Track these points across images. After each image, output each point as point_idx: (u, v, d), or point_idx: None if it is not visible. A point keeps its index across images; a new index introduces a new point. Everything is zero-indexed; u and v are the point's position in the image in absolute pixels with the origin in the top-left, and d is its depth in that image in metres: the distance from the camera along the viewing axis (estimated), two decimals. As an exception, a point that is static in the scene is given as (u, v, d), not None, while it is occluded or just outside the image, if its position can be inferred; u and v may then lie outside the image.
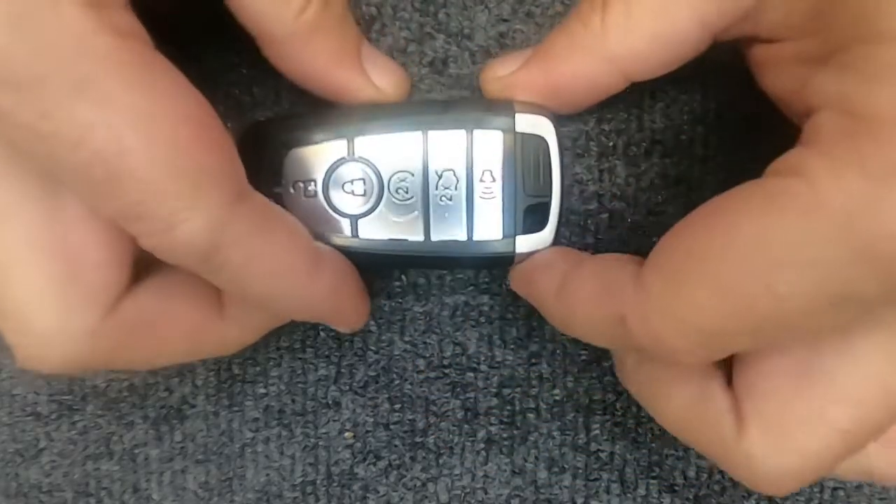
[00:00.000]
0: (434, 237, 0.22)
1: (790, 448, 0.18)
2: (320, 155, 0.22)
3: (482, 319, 0.26)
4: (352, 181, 0.22)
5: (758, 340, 0.17)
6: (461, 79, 0.24)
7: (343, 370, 0.26)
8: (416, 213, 0.22)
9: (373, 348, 0.26)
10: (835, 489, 0.26)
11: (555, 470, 0.26)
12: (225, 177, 0.18)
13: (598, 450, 0.26)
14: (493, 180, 0.22)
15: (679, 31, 0.20)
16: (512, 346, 0.26)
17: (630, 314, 0.18)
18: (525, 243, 0.22)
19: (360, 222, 0.22)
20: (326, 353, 0.26)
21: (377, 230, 0.22)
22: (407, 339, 0.26)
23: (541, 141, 0.22)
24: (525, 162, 0.22)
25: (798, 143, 0.17)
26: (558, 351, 0.26)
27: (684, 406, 0.20)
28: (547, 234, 0.22)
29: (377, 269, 0.23)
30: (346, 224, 0.22)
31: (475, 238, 0.22)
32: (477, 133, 0.21)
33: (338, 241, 0.22)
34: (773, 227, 0.15)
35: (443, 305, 0.26)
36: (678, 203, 0.25)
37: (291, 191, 0.22)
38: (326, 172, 0.22)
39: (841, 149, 0.15)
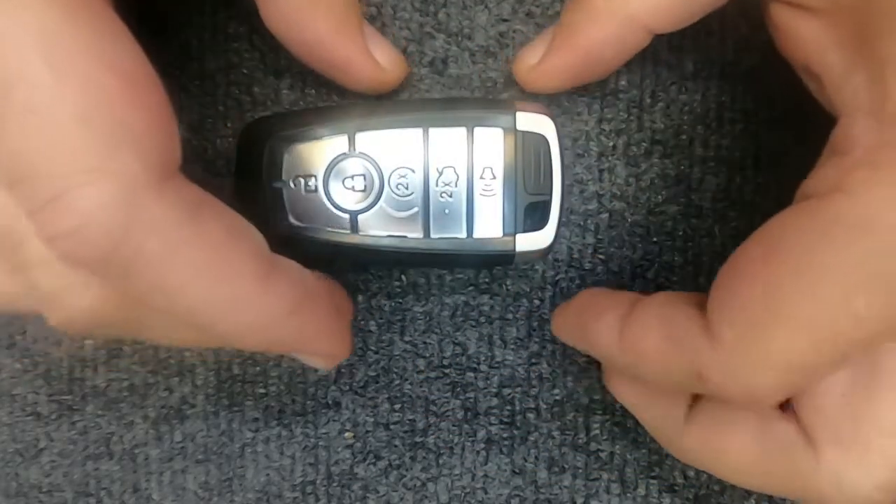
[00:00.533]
0: (434, 234, 0.22)
1: (876, 461, 0.18)
2: (321, 150, 0.22)
3: (482, 319, 0.26)
4: (352, 177, 0.22)
5: (842, 364, 0.17)
6: (461, 79, 0.24)
7: (343, 370, 0.26)
8: (415, 209, 0.22)
9: (373, 348, 0.26)
10: (835, 489, 0.26)
11: (555, 470, 0.26)
12: (152, 144, 0.15)
13: (598, 450, 0.26)
14: (494, 178, 0.22)
15: None
16: (512, 346, 0.26)
17: (707, 370, 0.17)
18: (525, 242, 0.22)
19: (360, 218, 0.22)
20: (326, 353, 0.26)
21: (376, 226, 0.22)
22: (407, 339, 0.26)
23: (541, 139, 0.22)
24: (526, 160, 0.22)
25: (830, 150, 0.17)
26: (558, 351, 0.26)
27: (748, 450, 0.19)
28: (547, 232, 0.22)
29: (376, 266, 0.22)
30: (345, 220, 0.22)
31: (475, 235, 0.22)
32: (478, 130, 0.21)
33: (337, 237, 0.22)
34: (835, 254, 0.15)
35: (443, 305, 0.26)
36: (678, 203, 0.25)
37: (292, 185, 0.22)
38: (327, 168, 0.22)
39: (883, 160, 0.15)
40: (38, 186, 0.14)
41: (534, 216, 0.22)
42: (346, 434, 0.26)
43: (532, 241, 0.22)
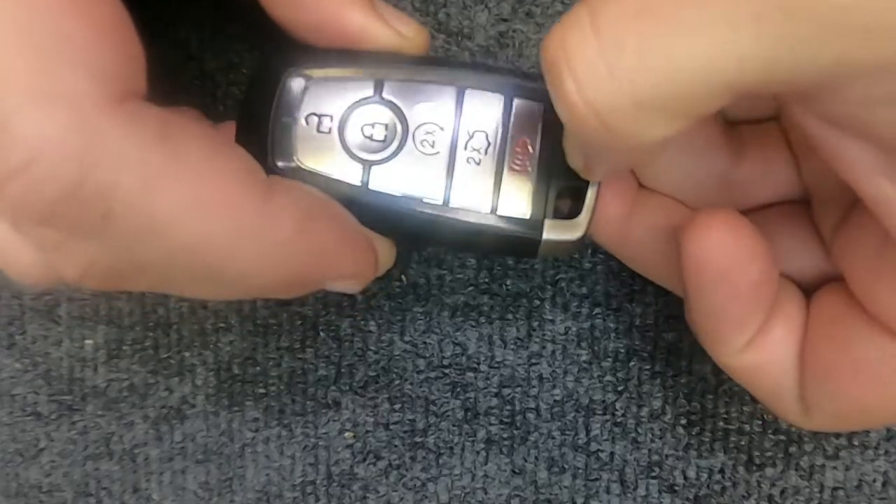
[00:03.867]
0: (454, 201, 0.19)
1: None
2: (343, 90, 0.19)
3: (482, 319, 0.26)
4: (373, 124, 0.19)
5: (716, 105, 0.14)
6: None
7: (343, 370, 0.26)
8: (438, 169, 0.19)
9: (373, 348, 0.26)
10: (835, 489, 0.26)
11: (555, 470, 0.26)
12: (104, 61, 0.13)
13: (598, 450, 0.26)
14: (528, 153, 0.20)
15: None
16: (512, 346, 0.26)
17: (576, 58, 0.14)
18: (555, 229, 0.20)
19: (374, 170, 0.19)
20: (326, 353, 0.26)
21: (391, 182, 0.19)
22: (407, 339, 0.26)
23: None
24: (559, 143, 0.19)
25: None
26: (558, 351, 0.26)
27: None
28: (581, 221, 0.20)
29: (381, 230, 0.20)
30: (357, 170, 0.19)
31: (499, 212, 0.20)
32: (517, 101, 0.20)
33: (344, 188, 0.19)
34: None
35: (443, 305, 0.26)
36: (678, 203, 0.25)
37: (304, 123, 0.19)
38: (347, 109, 0.19)
39: None
40: None
41: (566, 202, 0.20)
42: (346, 434, 0.26)
43: (562, 230, 0.20)
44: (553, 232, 0.20)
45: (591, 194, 0.20)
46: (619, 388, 0.26)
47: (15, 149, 0.12)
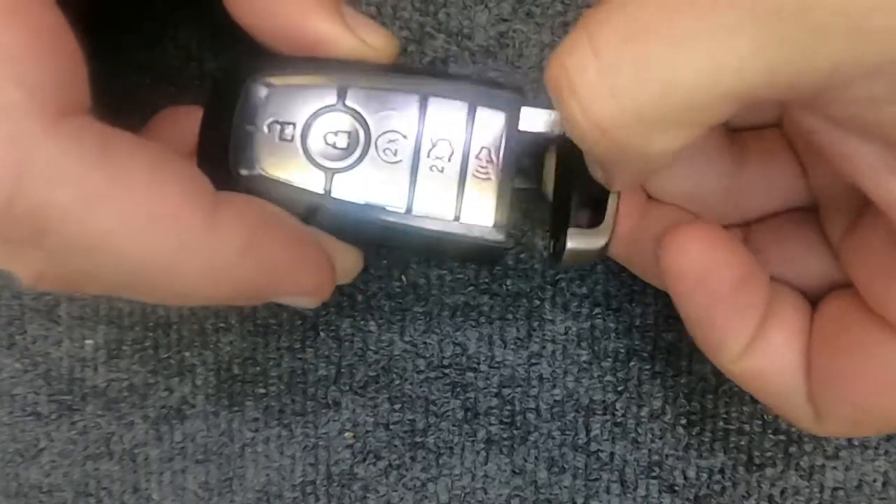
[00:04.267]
0: (416, 209, 0.19)
1: None
2: (306, 98, 0.19)
3: (482, 319, 0.26)
4: (336, 132, 0.19)
5: (718, 119, 0.14)
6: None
7: (343, 370, 0.26)
8: (401, 177, 0.19)
9: (373, 348, 0.26)
10: (835, 489, 0.26)
11: (555, 470, 0.26)
12: (43, 75, 0.13)
13: (598, 450, 0.26)
14: (490, 161, 0.20)
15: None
16: (512, 346, 0.26)
17: (580, 78, 0.14)
18: (579, 238, 0.20)
19: (337, 178, 0.19)
20: (326, 353, 0.26)
21: (354, 190, 0.19)
22: (407, 339, 0.26)
23: None
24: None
25: None
26: (558, 351, 0.26)
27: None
28: (603, 231, 0.20)
29: (344, 237, 0.20)
30: (319, 178, 0.19)
31: (462, 220, 0.20)
32: (480, 110, 0.20)
33: (307, 196, 0.19)
34: None
35: (443, 305, 0.26)
36: (678, 203, 0.25)
37: (265, 130, 0.19)
38: (309, 117, 0.19)
39: None
40: None
41: (588, 212, 0.20)
42: (346, 434, 0.26)
43: (584, 239, 0.20)
44: (576, 241, 0.20)
45: (612, 203, 0.20)
46: (619, 388, 0.26)
47: None
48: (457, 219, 0.20)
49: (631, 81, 0.13)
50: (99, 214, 0.13)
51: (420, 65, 0.23)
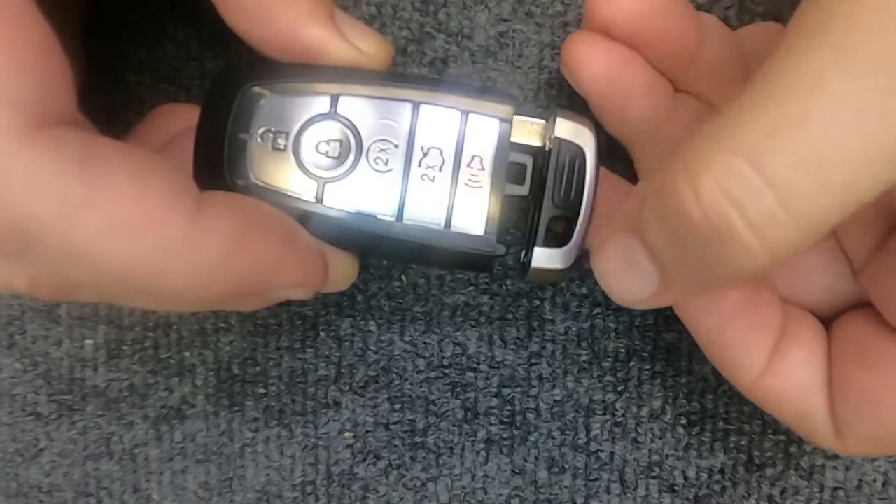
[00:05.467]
0: (407, 217, 0.20)
1: None
2: (298, 107, 0.20)
3: (482, 319, 0.26)
4: (328, 141, 0.20)
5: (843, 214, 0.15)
6: (461, 79, 0.24)
7: (343, 370, 0.26)
8: (392, 186, 0.20)
9: (373, 348, 0.26)
10: (835, 489, 0.26)
11: (555, 470, 0.26)
12: (22, 87, 0.13)
13: (598, 450, 0.26)
14: (482, 169, 0.20)
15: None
16: (512, 346, 0.26)
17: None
18: (543, 257, 0.20)
19: (328, 187, 0.20)
20: (326, 353, 0.26)
21: (345, 199, 0.20)
22: (407, 339, 0.26)
23: (578, 150, 0.20)
24: (558, 169, 0.20)
25: None
26: (558, 351, 0.26)
27: None
28: (567, 252, 0.20)
29: (337, 245, 0.20)
30: (311, 186, 0.20)
31: (453, 227, 0.20)
32: (472, 117, 0.20)
33: (299, 204, 0.20)
34: None
35: (443, 305, 0.26)
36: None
37: (259, 140, 0.19)
38: (301, 126, 0.20)
39: None
40: None
41: (556, 231, 0.20)
42: (346, 434, 0.26)
43: (550, 258, 0.20)
44: (543, 259, 0.20)
45: (581, 223, 0.20)
46: (619, 388, 0.26)
47: None
48: (447, 227, 0.20)
49: (811, 201, 0.14)
50: (81, 224, 0.14)
51: (413, 72, 0.23)
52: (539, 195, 0.20)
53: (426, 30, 0.24)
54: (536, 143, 0.20)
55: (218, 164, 0.19)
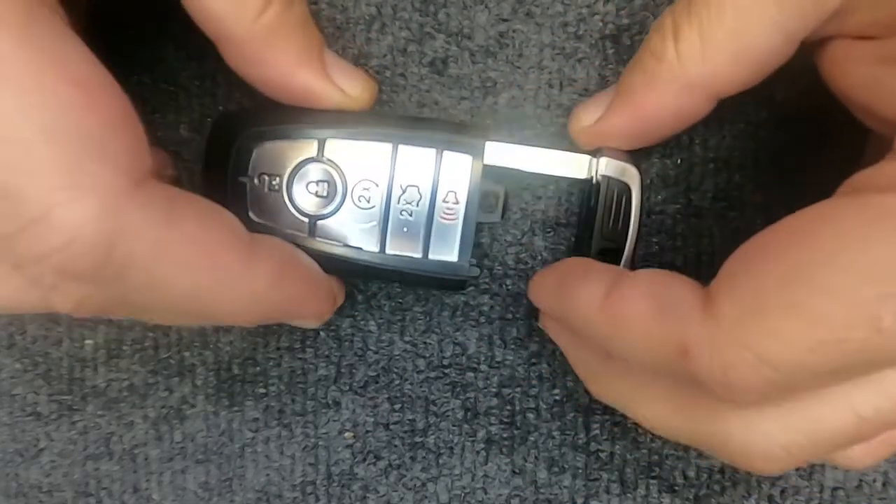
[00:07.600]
0: (389, 250, 0.22)
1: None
2: (290, 151, 0.22)
3: (482, 319, 0.26)
4: (317, 182, 0.22)
5: (836, 379, 0.16)
6: (461, 79, 0.24)
7: (343, 370, 0.26)
8: (374, 223, 0.22)
9: (373, 348, 0.26)
10: (835, 489, 0.26)
11: (555, 470, 0.26)
12: (122, 152, 0.16)
13: (598, 450, 0.26)
14: (457, 202, 0.22)
15: (760, 46, 0.18)
16: (512, 346, 0.26)
17: (695, 344, 0.16)
18: None
19: (319, 224, 0.22)
20: (326, 353, 0.26)
21: (334, 234, 0.22)
22: (407, 339, 0.26)
23: (624, 187, 0.22)
24: (606, 205, 0.22)
25: (892, 153, 0.16)
26: (558, 351, 0.26)
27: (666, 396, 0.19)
28: None
29: (329, 273, 0.22)
30: (304, 223, 0.22)
31: (431, 257, 0.22)
32: (447, 154, 0.22)
33: (294, 239, 0.22)
34: (878, 249, 0.14)
35: (443, 305, 0.26)
36: (678, 203, 0.25)
37: (256, 182, 0.22)
38: (293, 169, 0.22)
39: None
40: (17, 209, 0.14)
41: (605, 261, 0.22)
42: (346, 434, 0.26)
43: None
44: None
45: (627, 254, 0.23)
46: (619, 388, 0.26)
47: (56, 234, 0.15)
48: (425, 256, 0.22)
49: (791, 352, 0.15)
50: (163, 262, 0.16)
51: (392, 113, 0.24)
52: (589, 229, 0.23)
53: (426, 30, 0.24)
54: (583, 176, 0.23)
55: (222, 204, 0.21)
